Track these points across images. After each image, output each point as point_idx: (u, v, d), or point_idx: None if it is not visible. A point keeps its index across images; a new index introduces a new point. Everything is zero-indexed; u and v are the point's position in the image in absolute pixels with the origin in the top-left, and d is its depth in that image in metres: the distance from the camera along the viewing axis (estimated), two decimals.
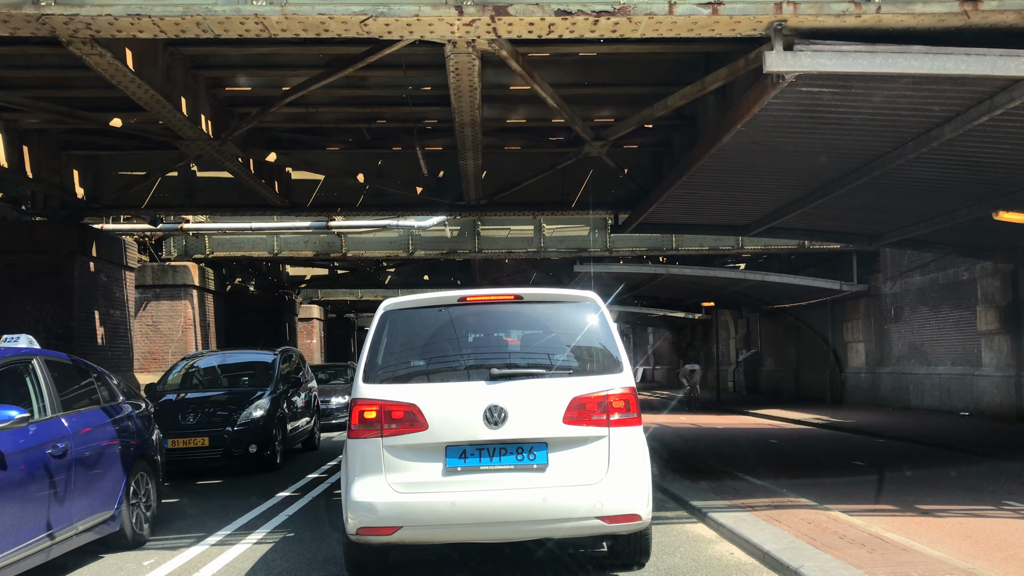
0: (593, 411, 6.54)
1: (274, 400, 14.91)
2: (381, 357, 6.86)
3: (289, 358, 17.05)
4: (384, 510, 6.38)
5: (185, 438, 13.66)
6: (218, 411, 14.31)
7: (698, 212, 16.66)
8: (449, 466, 6.44)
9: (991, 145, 10.90)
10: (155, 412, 13.56)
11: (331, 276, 34.79)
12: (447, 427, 6.47)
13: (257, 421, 14.22)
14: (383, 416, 6.51)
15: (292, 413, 15.93)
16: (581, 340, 7.03)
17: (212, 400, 14.87)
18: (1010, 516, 9.42)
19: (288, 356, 17.03)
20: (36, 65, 12.12)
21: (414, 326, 7.16)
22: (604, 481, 6.45)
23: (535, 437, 6.48)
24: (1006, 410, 19.51)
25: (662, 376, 54.67)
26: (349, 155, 16.63)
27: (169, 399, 14.83)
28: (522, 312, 7.19)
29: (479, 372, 6.69)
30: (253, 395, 14.80)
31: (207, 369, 16.84)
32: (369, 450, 6.49)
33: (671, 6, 7.67)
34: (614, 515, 6.44)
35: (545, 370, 6.77)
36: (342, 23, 7.90)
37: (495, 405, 6.46)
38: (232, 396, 14.92)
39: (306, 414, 17.16)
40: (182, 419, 13.96)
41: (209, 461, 13.92)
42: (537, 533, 6.73)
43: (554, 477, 6.44)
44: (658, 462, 13.34)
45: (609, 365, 6.79)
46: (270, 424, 14.45)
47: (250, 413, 14.23)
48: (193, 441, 13.68)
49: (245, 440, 13.95)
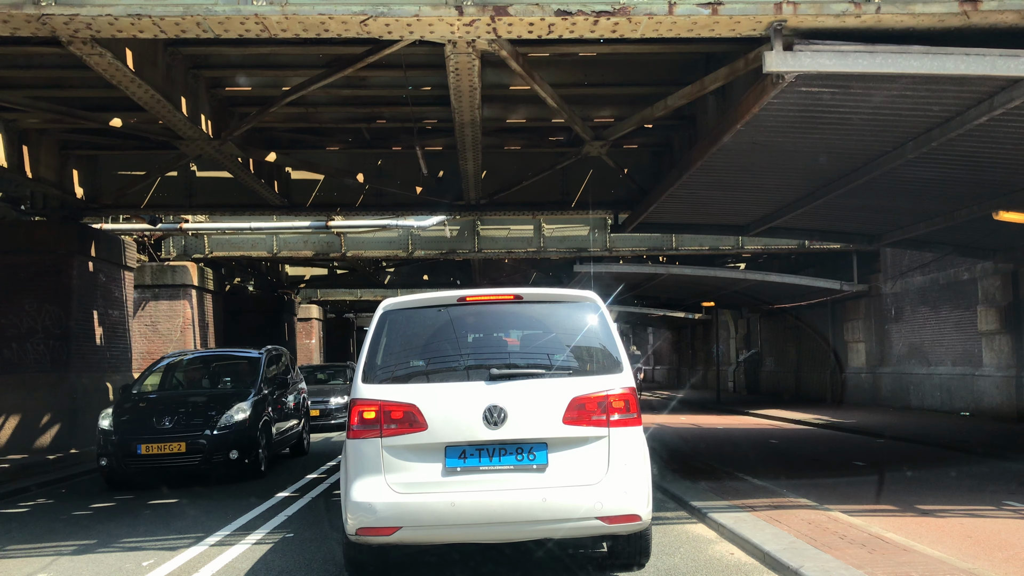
0: (593, 411, 6.52)
1: (258, 402, 13.93)
2: (380, 357, 6.84)
3: (276, 358, 16.07)
4: (384, 510, 6.36)
5: (160, 443, 12.77)
6: (197, 414, 13.33)
7: (698, 212, 16.66)
8: (449, 466, 6.42)
9: (991, 145, 10.90)
10: (127, 415, 13.32)
11: (330, 276, 34.78)
12: (447, 427, 6.45)
13: (239, 425, 13.26)
14: (382, 416, 6.49)
15: (279, 416, 14.98)
16: (581, 340, 7.00)
17: (191, 402, 13.92)
18: (1010, 516, 9.41)
19: (275, 356, 16.00)
20: (36, 65, 12.11)
21: (413, 326, 7.14)
22: (604, 481, 6.43)
23: (535, 437, 6.46)
24: (1007, 410, 19.51)
25: (662, 376, 54.70)
26: (349, 155, 16.63)
27: (144, 400, 14.00)
28: (522, 312, 7.18)
29: (479, 372, 6.67)
30: (236, 397, 13.87)
31: (188, 369, 15.87)
32: (368, 450, 6.47)
33: (671, 6, 7.66)
34: (614, 515, 6.42)
35: (545, 370, 6.75)
36: (342, 23, 7.90)
37: (495, 405, 6.43)
38: (213, 398, 14.02)
39: (294, 417, 16.21)
40: (157, 422, 13.06)
41: (187, 468, 13.02)
42: (537, 533, 6.71)
43: (554, 477, 6.42)
44: (658, 462, 13.32)
45: (609, 365, 6.77)
46: (254, 428, 13.50)
47: (232, 416, 13.27)
48: (169, 446, 12.77)
49: (226, 445, 13.04)
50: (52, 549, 8.91)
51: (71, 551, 8.82)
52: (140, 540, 9.21)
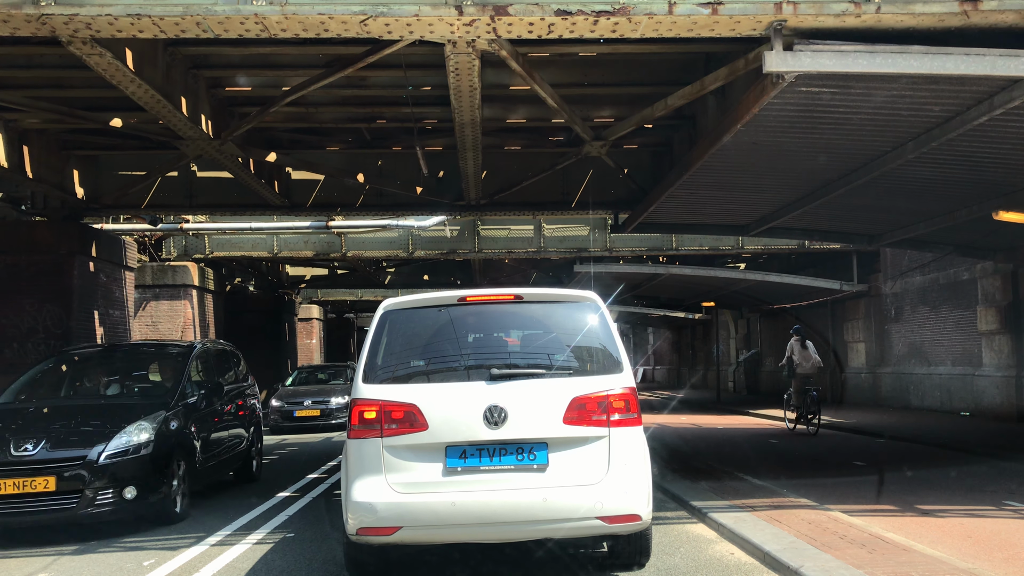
0: (593, 411, 6.54)
1: (174, 417, 10.25)
2: (381, 357, 6.85)
3: (216, 356, 12.64)
4: (384, 510, 6.38)
5: (16, 477, 8.90)
6: (77, 434, 9.53)
7: (698, 212, 16.66)
8: (449, 466, 6.44)
9: (991, 145, 10.90)
10: None
11: (331, 276, 34.80)
12: (447, 427, 6.47)
13: (139, 448, 9.50)
14: (383, 416, 6.50)
15: (211, 433, 11.24)
16: (581, 340, 7.03)
17: (74, 417, 9.98)
18: (1010, 516, 9.41)
19: (212, 353, 12.54)
20: (36, 65, 12.11)
21: (414, 326, 7.16)
22: (604, 481, 6.46)
23: (535, 437, 6.48)
24: (1007, 410, 19.50)
25: (662, 376, 54.68)
26: (349, 155, 16.63)
27: (7, 415, 10.03)
28: (522, 312, 7.20)
29: (479, 372, 6.68)
30: (140, 409, 10.07)
31: (83, 369, 11.79)
32: (369, 450, 6.49)
33: (671, 6, 7.66)
34: (614, 515, 6.44)
35: (545, 370, 6.77)
36: (342, 23, 7.90)
37: (495, 405, 6.46)
38: (107, 411, 10.19)
39: (238, 434, 12.43)
40: (15, 447, 9.16)
41: (58, 515, 9.05)
42: (537, 533, 6.74)
43: (554, 477, 6.44)
44: (658, 462, 13.32)
45: (609, 365, 6.80)
46: (163, 454, 9.75)
47: (129, 438, 9.49)
48: (31, 483, 8.89)
49: (117, 480, 9.25)
50: (53, 549, 8.91)
51: (72, 551, 8.83)
52: (141, 540, 9.22)
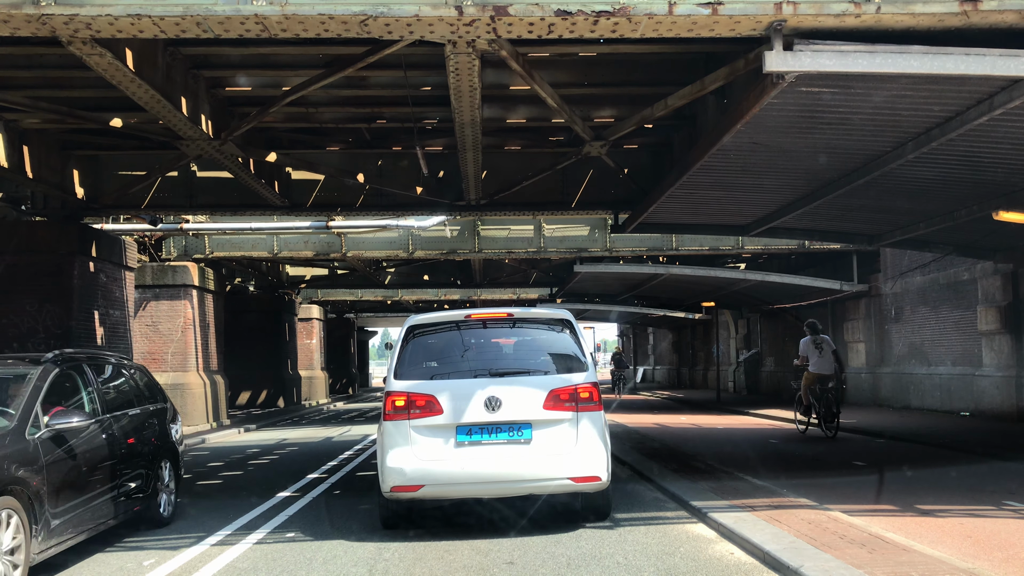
0: (566, 400, 8.69)
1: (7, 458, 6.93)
2: (407, 360, 9.03)
3: (88, 367, 8.94)
4: (411, 473, 8.50)
5: None
6: None
7: (698, 212, 16.66)
8: (459, 441, 8.59)
9: (991, 145, 10.90)
10: None
11: (331, 276, 34.81)
12: (457, 412, 8.58)
13: None
14: (409, 404, 8.63)
15: (80, 474, 7.92)
16: (557, 348, 9.28)
17: None
18: (1010, 516, 9.41)
19: (82, 364, 8.87)
20: (36, 65, 12.12)
21: (431, 337, 9.43)
22: (574, 451, 8.63)
23: (523, 419, 8.63)
24: (1007, 410, 19.50)
25: (663, 376, 54.66)
26: (349, 155, 16.63)
27: None
28: (513, 327, 9.54)
29: (480, 371, 8.93)
30: None
31: None
32: (399, 429, 8.62)
33: (671, 6, 7.66)
34: (581, 476, 8.61)
35: (530, 370, 9.11)
36: (342, 23, 7.90)
37: (493, 396, 8.61)
38: None
39: (134, 468, 9.05)
40: None
41: None
42: (524, 490, 8.93)
43: (537, 448, 8.60)
44: (658, 462, 13.38)
45: (577, 367, 9.04)
46: None
47: None
48: None
49: None
50: None
51: None
52: (141, 539, 9.21)
